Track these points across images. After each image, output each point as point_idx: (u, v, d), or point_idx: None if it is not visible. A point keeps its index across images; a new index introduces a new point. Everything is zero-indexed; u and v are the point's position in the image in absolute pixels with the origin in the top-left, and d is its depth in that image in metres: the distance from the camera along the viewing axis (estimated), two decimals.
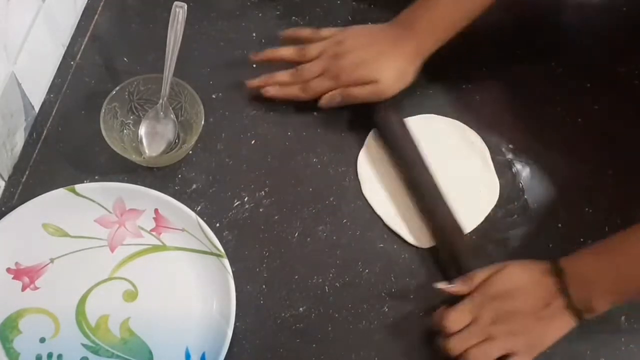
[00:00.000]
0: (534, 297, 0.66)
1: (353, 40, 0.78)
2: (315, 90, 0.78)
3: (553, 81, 0.85)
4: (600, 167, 0.79)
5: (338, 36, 0.79)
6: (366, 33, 0.79)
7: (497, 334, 0.66)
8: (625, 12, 0.91)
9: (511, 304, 0.66)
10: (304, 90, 0.79)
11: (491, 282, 0.68)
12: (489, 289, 0.67)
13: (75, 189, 0.73)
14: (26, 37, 0.74)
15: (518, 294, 0.67)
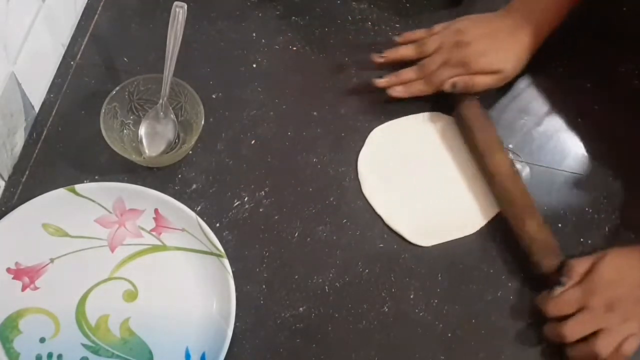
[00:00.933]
0: (636, 280, 0.68)
1: (473, 30, 0.79)
2: (441, 79, 0.79)
3: (553, 81, 0.85)
4: (600, 167, 0.79)
5: (455, 25, 0.81)
6: (483, 22, 0.80)
7: (611, 323, 0.67)
8: (625, 12, 0.91)
9: (622, 290, 0.68)
10: (428, 82, 0.79)
11: (598, 270, 0.69)
12: (596, 278, 0.68)
13: (75, 189, 0.73)
14: (26, 37, 0.74)
15: (626, 279, 0.68)
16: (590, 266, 0.70)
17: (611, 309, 0.67)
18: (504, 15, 0.80)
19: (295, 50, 0.86)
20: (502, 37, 0.78)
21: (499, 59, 0.78)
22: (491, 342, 0.71)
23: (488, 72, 0.78)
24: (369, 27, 0.88)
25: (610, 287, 0.68)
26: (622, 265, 0.69)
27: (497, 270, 0.74)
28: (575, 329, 0.67)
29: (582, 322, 0.67)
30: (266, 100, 0.82)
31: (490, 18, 0.81)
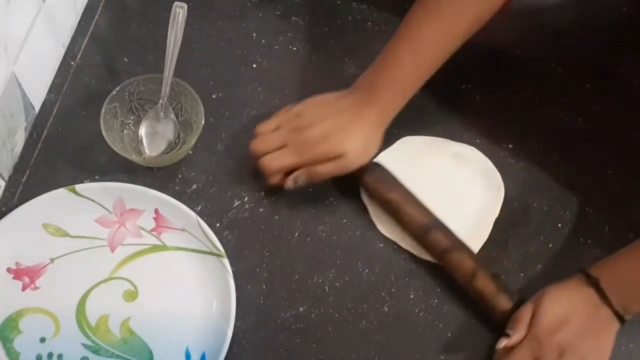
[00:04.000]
0: (584, 315, 0.66)
1: (312, 113, 0.74)
2: (276, 165, 0.73)
3: (553, 81, 0.85)
4: (600, 167, 0.79)
5: (295, 109, 0.75)
6: (325, 103, 0.74)
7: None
8: (625, 12, 0.91)
9: (569, 331, 0.66)
10: (266, 163, 0.74)
11: (541, 317, 0.67)
12: (541, 325, 0.66)
13: (75, 189, 0.73)
14: (26, 37, 0.74)
15: (570, 317, 0.66)
16: (531, 314, 0.67)
17: (564, 353, 0.65)
18: (348, 93, 0.74)
19: (295, 50, 0.86)
20: (344, 118, 0.72)
21: (337, 143, 0.71)
22: (491, 342, 0.70)
23: (328, 158, 0.71)
24: (369, 27, 0.88)
25: (557, 330, 0.66)
26: (562, 304, 0.67)
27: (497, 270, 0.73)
28: None
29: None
30: (266, 100, 0.82)
31: (332, 98, 0.74)
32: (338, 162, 0.72)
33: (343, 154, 0.71)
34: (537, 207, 0.77)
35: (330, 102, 0.74)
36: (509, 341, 0.67)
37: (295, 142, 0.73)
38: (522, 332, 0.67)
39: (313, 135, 0.72)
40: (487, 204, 0.76)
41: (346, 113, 0.72)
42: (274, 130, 0.75)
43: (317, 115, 0.73)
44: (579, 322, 0.66)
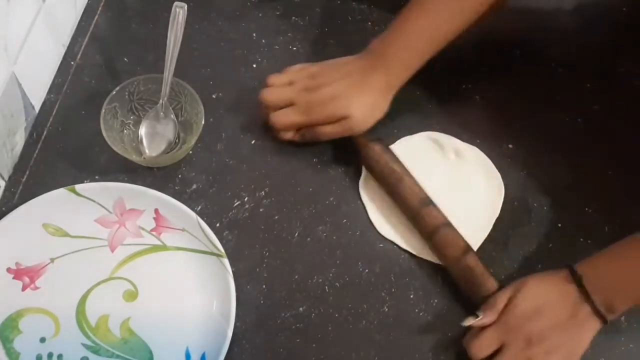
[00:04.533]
0: (560, 309, 0.66)
1: (325, 74, 0.75)
2: (284, 122, 0.76)
3: (553, 81, 0.85)
4: (600, 167, 0.79)
5: (310, 69, 0.77)
6: (338, 66, 0.76)
7: (534, 357, 0.65)
8: (625, 12, 0.91)
9: (541, 323, 0.65)
10: (275, 119, 0.76)
11: (515, 304, 0.66)
12: (514, 312, 0.66)
13: (75, 189, 0.73)
14: (26, 37, 0.74)
15: (545, 310, 0.66)
16: (508, 299, 0.67)
17: (534, 342, 0.65)
18: (359, 57, 0.76)
19: (295, 50, 0.86)
20: (352, 81, 0.74)
21: (343, 106, 0.73)
22: None
23: (333, 119, 0.74)
24: (369, 27, 0.88)
25: (531, 319, 0.66)
26: (539, 295, 0.67)
27: (496, 270, 0.73)
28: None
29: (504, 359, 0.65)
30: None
31: (345, 61, 0.77)
32: (343, 124, 0.74)
33: (348, 116, 0.73)
34: (537, 207, 0.77)
35: (342, 65, 0.76)
36: (476, 321, 0.67)
37: (304, 102, 0.75)
38: (492, 316, 0.67)
39: (321, 96, 0.74)
40: (487, 204, 0.76)
41: (355, 77, 0.74)
42: (285, 85, 0.76)
43: (329, 77, 0.75)
44: (554, 316, 0.66)
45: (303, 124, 0.76)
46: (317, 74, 0.76)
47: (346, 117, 0.74)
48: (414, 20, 0.74)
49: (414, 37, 0.74)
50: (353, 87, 0.74)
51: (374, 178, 0.77)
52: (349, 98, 0.74)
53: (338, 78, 0.75)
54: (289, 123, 0.76)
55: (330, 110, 0.74)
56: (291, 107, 0.76)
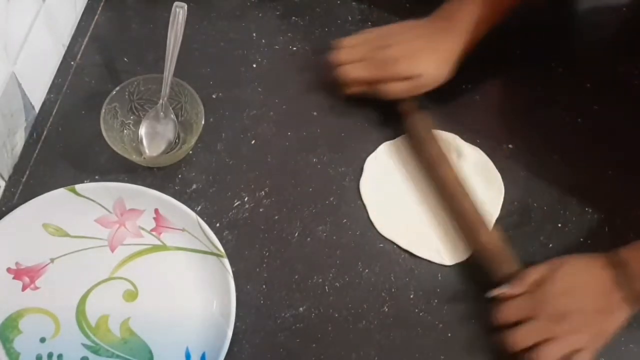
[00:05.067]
0: (593, 293, 0.66)
1: (395, 35, 0.79)
2: (354, 75, 0.78)
3: (553, 81, 0.85)
4: (600, 167, 0.79)
5: (380, 30, 0.80)
6: (407, 28, 0.79)
7: (560, 333, 0.65)
8: (625, 12, 0.91)
9: (571, 302, 0.66)
10: (345, 71, 0.79)
11: (550, 280, 0.67)
12: (547, 288, 0.67)
13: (75, 189, 0.73)
14: (26, 37, 0.74)
15: (577, 291, 0.67)
16: (545, 274, 0.68)
17: (561, 319, 0.65)
18: (428, 21, 0.79)
19: (295, 50, 0.86)
20: (421, 43, 0.77)
21: (412, 65, 0.76)
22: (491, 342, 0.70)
23: (404, 77, 0.77)
24: (369, 27, 0.88)
25: (562, 297, 0.66)
26: (578, 276, 0.67)
27: None
28: (520, 338, 0.66)
29: (528, 330, 0.66)
30: (266, 100, 0.82)
31: (414, 24, 0.80)
32: (412, 82, 0.77)
33: (418, 74, 0.76)
34: (537, 207, 0.77)
35: (411, 27, 0.79)
36: (503, 291, 0.68)
37: (375, 58, 0.78)
38: (521, 289, 0.68)
39: (392, 54, 0.77)
40: (487, 204, 0.76)
41: (425, 37, 0.77)
42: (357, 46, 0.79)
43: (399, 37, 0.78)
44: (586, 297, 0.66)
45: (373, 79, 0.78)
46: (387, 35, 0.79)
47: (416, 75, 0.76)
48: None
49: (480, 3, 0.76)
50: (422, 48, 0.77)
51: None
52: (419, 57, 0.77)
53: (408, 38, 0.78)
54: (358, 76, 0.78)
55: (401, 68, 0.76)
56: (362, 62, 0.78)
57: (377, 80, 0.78)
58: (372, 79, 0.78)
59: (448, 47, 0.77)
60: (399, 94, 0.78)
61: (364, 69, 0.78)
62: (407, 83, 0.77)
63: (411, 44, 0.77)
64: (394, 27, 0.80)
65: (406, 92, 0.78)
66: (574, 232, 0.76)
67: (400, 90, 0.77)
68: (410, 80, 0.77)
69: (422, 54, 0.77)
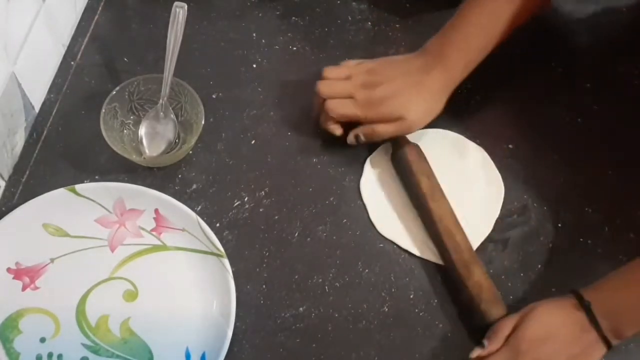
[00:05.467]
0: (568, 335, 0.65)
1: (383, 72, 0.75)
2: (340, 112, 0.75)
3: (553, 81, 0.85)
4: (600, 167, 0.79)
5: (367, 65, 0.77)
6: (395, 64, 0.76)
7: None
8: (625, 12, 0.91)
9: (550, 347, 0.65)
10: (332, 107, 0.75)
11: (522, 331, 0.66)
12: (523, 336, 0.66)
13: (75, 189, 0.73)
14: (26, 37, 0.74)
15: (553, 335, 0.66)
16: (517, 323, 0.67)
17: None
18: (417, 56, 0.76)
19: (295, 50, 0.86)
20: (410, 81, 0.74)
21: (400, 106, 0.73)
22: None
23: (390, 119, 0.74)
24: (369, 27, 0.88)
25: (537, 346, 0.65)
26: (550, 322, 0.66)
27: (496, 270, 0.74)
28: None
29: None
30: (266, 100, 0.82)
31: (403, 59, 0.76)
32: (399, 124, 0.74)
33: (404, 117, 0.73)
34: (537, 207, 0.77)
35: (400, 63, 0.76)
36: (483, 351, 0.67)
37: (361, 97, 0.74)
38: (498, 344, 0.67)
39: (380, 94, 0.74)
40: (487, 204, 0.76)
41: (413, 76, 0.74)
42: (342, 79, 0.76)
43: (386, 75, 0.75)
44: (562, 344, 0.65)
45: (358, 118, 0.75)
46: (374, 71, 0.76)
47: (402, 117, 0.73)
48: (472, 18, 0.74)
49: (472, 35, 0.74)
50: (411, 86, 0.74)
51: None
52: (406, 98, 0.73)
53: (396, 76, 0.74)
54: (345, 113, 0.75)
55: (388, 110, 0.74)
56: (349, 99, 0.75)
57: (362, 120, 0.75)
58: (358, 118, 0.75)
59: (439, 82, 0.74)
60: (385, 136, 0.75)
61: (350, 107, 0.75)
62: (393, 125, 0.74)
63: (398, 83, 0.74)
64: (381, 62, 0.77)
65: (393, 133, 0.75)
66: (574, 232, 0.76)
67: (386, 132, 0.74)
68: (396, 122, 0.74)
69: (410, 95, 0.73)
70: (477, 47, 0.74)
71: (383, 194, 0.77)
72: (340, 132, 0.77)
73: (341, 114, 0.75)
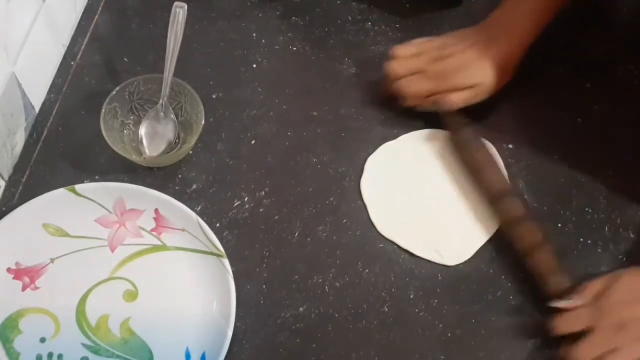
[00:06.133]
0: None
1: (451, 45, 0.78)
2: (414, 89, 0.78)
3: (553, 81, 0.85)
4: (600, 167, 0.79)
5: (435, 41, 0.80)
6: (462, 37, 0.79)
7: (623, 343, 0.65)
8: (625, 12, 0.91)
9: (631, 311, 0.66)
10: (404, 86, 0.78)
11: (612, 291, 0.67)
12: (610, 298, 0.67)
13: (75, 189, 0.73)
14: (26, 37, 0.74)
15: (637, 300, 0.67)
16: (604, 286, 0.68)
17: (622, 328, 0.65)
18: (481, 28, 0.79)
19: (295, 50, 0.86)
20: (478, 51, 0.77)
21: (472, 74, 0.77)
22: (491, 342, 0.71)
23: (464, 87, 0.77)
24: (369, 27, 0.88)
25: (623, 307, 0.67)
26: (637, 286, 0.68)
27: (496, 270, 0.74)
28: (586, 351, 0.66)
29: (593, 343, 0.66)
30: (266, 100, 0.82)
31: (469, 32, 0.79)
32: (472, 91, 0.77)
33: (479, 83, 0.77)
34: (537, 207, 0.77)
35: (468, 35, 0.79)
36: (567, 304, 0.68)
37: (434, 70, 0.77)
38: (584, 300, 0.68)
39: (451, 64, 0.77)
40: None
41: (481, 46, 0.77)
42: (412, 57, 0.79)
43: (455, 47, 0.78)
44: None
45: (433, 91, 0.77)
46: (443, 45, 0.79)
47: (476, 84, 0.76)
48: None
49: (531, 11, 0.77)
50: (481, 55, 0.77)
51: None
52: (477, 66, 0.77)
53: (463, 48, 0.77)
54: (419, 89, 0.78)
55: (463, 77, 0.76)
56: (420, 74, 0.78)
57: (437, 92, 0.77)
58: (432, 91, 0.78)
59: (503, 53, 0.77)
60: (460, 103, 0.77)
61: (422, 82, 0.78)
62: (466, 92, 0.77)
63: (466, 53, 0.77)
64: (448, 38, 0.80)
65: (467, 101, 0.77)
66: (574, 232, 0.76)
67: (461, 100, 0.77)
68: (470, 89, 0.77)
69: (479, 63, 0.77)
70: (538, 16, 0.78)
71: (383, 194, 0.77)
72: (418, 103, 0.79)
73: (415, 91, 0.78)
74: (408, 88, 0.78)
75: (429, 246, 0.74)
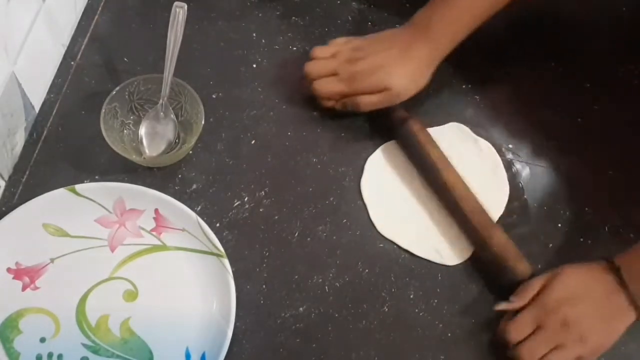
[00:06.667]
0: (597, 297, 0.67)
1: (368, 47, 0.78)
2: (326, 90, 0.78)
3: (553, 81, 0.85)
4: (600, 167, 0.80)
5: (353, 42, 0.79)
6: (381, 39, 0.78)
7: (567, 341, 0.66)
8: (625, 12, 0.91)
9: (578, 308, 0.66)
10: (317, 87, 0.78)
11: (552, 289, 0.68)
12: (550, 296, 0.67)
13: (75, 189, 0.73)
14: (26, 37, 0.74)
15: (582, 296, 0.67)
16: (546, 283, 0.68)
17: (566, 327, 0.66)
18: (403, 29, 0.78)
19: (295, 50, 0.86)
20: (395, 53, 0.76)
21: (384, 77, 0.75)
22: (491, 342, 0.71)
23: (375, 90, 0.76)
24: (369, 27, 0.88)
25: (565, 304, 0.67)
26: (577, 282, 0.68)
27: None
28: (531, 350, 0.66)
29: (538, 341, 0.66)
30: (266, 100, 0.82)
31: (389, 34, 0.79)
32: (385, 95, 0.76)
33: (388, 87, 0.75)
34: (537, 207, 0.77)
35: (385, 37, 0.78)
36: (509, 305, 0.68)
37: (346, 72, 0.77)
38: (524, 301, 0.68)
39: (363, 67, 0.76)
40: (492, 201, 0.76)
41: (398, 48, 0.76)
42: (329, 58, 0.79)
43: (371, 49, 0.77)
44: (591, 303, 0.67)
45: (345, 93, 0.77)
46: (360, 47, 0.78)
47: (386, 88, 0.75)
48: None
49: (457, 9, 0.75)
50: (395, 58, 0.76)
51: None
52: (390, 69, 0.75)
53: (381, 50, 0.77)
54: (331, 91, 0.78)
55: (372, 81, 0.76)
56: (334, 76, 0.78)
57: (348, 95, 0.77)
58: (343, 94, 0.77)
59: (423, 55, 0.76)
60: (368, 107, 0.77)
61: (334, 84, 0.77)
62: (376, 96, 0.76)
63: (383, 55, 0.76)
64: (368, 39, 0.79)
65: (376, 104, 0.77)
66: (574, 232, 0.76)
67: (370, 103, 0.76)
68: (379, 93, 0.76)
69: (394, 66, 0.75)
70: (463, 22, 0.76)
71: (383, 194, 0.77)
72: (332, 105, 0.79)
73: (327, 92, 0.78)
74: (321, 89, 0.78)
75: (429, 246, 0.74)
